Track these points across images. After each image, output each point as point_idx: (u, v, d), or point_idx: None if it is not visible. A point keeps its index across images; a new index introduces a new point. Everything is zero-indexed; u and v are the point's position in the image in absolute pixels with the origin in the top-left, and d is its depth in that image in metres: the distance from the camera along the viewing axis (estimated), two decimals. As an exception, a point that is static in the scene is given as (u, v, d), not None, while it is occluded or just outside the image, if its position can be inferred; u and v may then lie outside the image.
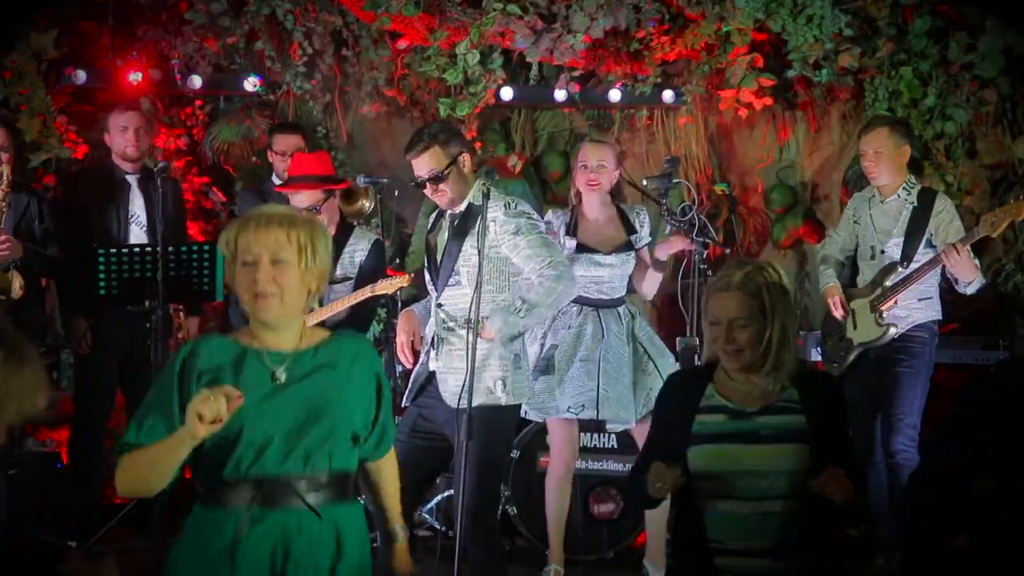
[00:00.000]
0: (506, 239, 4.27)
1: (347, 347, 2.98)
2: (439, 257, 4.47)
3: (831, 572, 3.21)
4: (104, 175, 5.85)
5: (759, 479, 3.09)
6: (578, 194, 5.29)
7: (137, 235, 5.74)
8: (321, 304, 4.82)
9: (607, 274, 5.21)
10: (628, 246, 5.26)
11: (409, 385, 4.45)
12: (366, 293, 5.05)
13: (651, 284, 5.35)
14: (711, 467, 3.11)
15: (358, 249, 5.20)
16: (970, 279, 5.09)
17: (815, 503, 3.09)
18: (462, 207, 4.37)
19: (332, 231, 5.02)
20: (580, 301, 5.07)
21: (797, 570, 3.10)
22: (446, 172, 4.30)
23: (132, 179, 5.79)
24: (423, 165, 4.34)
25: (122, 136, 5.75)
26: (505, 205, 4.28)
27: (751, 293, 3.11)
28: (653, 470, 3.06)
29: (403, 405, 4.44)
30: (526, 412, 5.14)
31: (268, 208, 2.90)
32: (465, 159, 4.37)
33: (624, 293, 5.30)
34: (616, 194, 5.37)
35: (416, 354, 4.50)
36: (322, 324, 4.75)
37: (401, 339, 4.50)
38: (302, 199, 5.02)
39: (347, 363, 2.93)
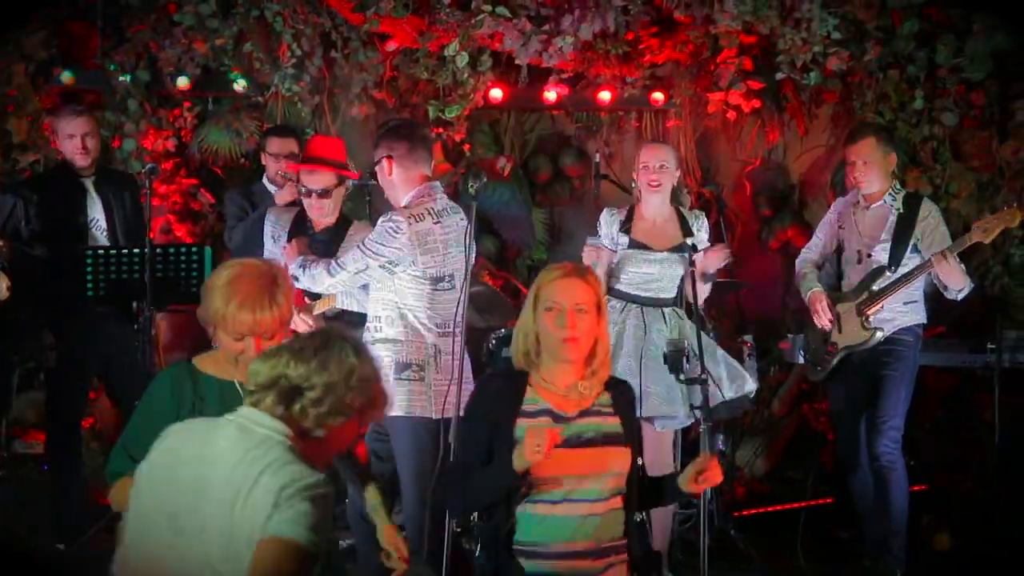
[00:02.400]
0: None
1: None
2: None
3: (650, 571, 3.29)
4: (60, 180, 5.70)
5: (583, 481, 3.12)
6: (639, 193, 5.24)
7: (99, 240, 5.62)
8: (319, 297, 4.84)
9: (657, 271, 5.12)
10: (682, 247, 5.10)
11: None
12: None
13: (699, 294, 5.15)
14: (537, 469, 3.10)
15: (357, 239, 5.19)
16: (960, 286, 5.06)
17: (634, 503, 3.19)
18: None
19: (334, 219, 5.05)
20: (625, 297, 5.06)
21: (618, 570, 3.15)
22: (374, 171, 4.60)
23: (88, 183, 5.66)
24: None
25: (70, 143, 5.59)
26: (383, 214, 4.55)
27: (589, 283, 3.24)
28: (531, 432, 3.03)
29: None
30: None
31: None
32: (384, 164, 4.56)
33: (674, 296, 5.20)
34: (673, 196, 5.27)
35: None
36: (322, 315, 4.78)
37: None
38: (316, 180, 4.93)
39: None
